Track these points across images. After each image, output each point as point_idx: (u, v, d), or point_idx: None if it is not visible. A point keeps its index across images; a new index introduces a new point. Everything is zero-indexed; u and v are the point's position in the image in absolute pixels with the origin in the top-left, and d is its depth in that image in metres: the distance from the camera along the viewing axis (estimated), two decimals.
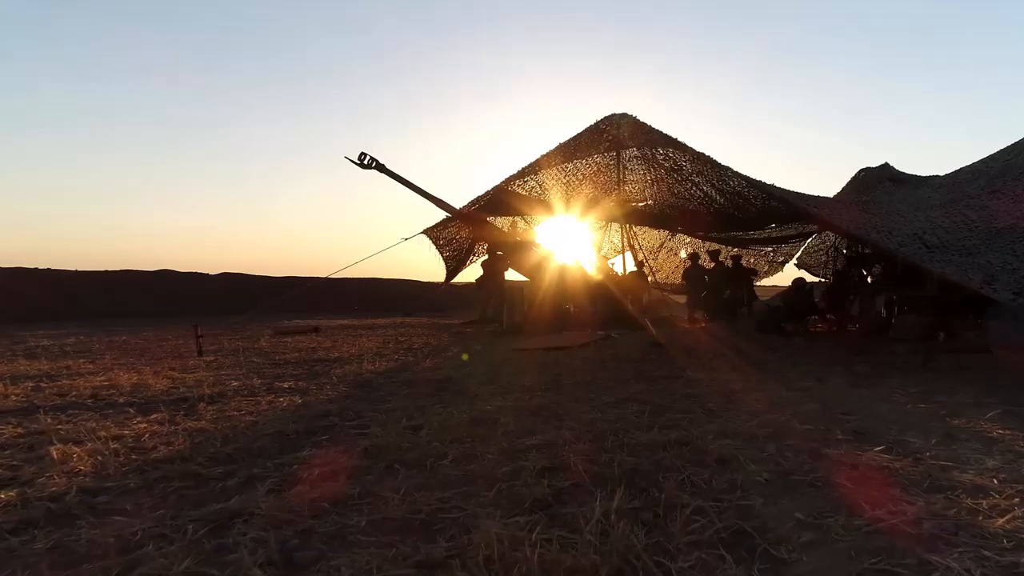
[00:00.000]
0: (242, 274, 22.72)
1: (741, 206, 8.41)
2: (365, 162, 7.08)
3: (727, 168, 6.83)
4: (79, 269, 19.03)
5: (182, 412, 3.14)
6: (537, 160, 7.67)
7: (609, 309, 8.87)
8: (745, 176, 6.66)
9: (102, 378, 4.40)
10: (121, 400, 3.51)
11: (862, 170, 12.11)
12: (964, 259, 5.44)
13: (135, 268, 20.43)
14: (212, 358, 5.76)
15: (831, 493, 1.82)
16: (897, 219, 6.64)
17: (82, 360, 5.64)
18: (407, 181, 7.50)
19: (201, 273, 22.21)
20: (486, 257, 9.46)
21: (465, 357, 5.88)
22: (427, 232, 8.41)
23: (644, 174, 8.77)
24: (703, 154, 6.87)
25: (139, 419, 2.94)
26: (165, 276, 20.89)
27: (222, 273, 22.52)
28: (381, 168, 7.24)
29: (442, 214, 8.06)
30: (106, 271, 19.65)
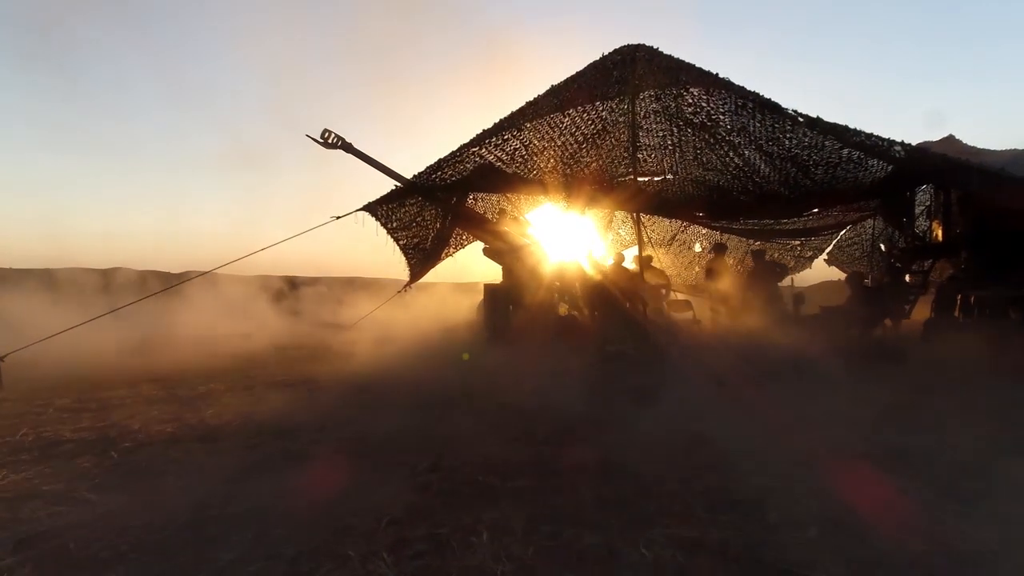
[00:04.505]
0: (209, 272, 20.60)
1: (793, 178, 6.31)
2: (330, 141, 6.26)
3: (791, 114, 4.74)
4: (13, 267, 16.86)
5: None
6: (521, 108, 5.55)
7: (617, 316, 6.81)
8: (823, 121, 4.56)
9: None
10: None
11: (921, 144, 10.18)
12: None
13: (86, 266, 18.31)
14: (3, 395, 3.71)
15: None
16: None
17: None
18: (378, 163, 6.44)
19: (161, 271, 20.10)
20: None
21: (465, 357, 5.58)
22: (369, 209, 6.25)
23: (664, 136, 6.59)
24: (756, 94, 4.76)
25: None
26: (117, 274, 18.73)
27: (185, 272, 20.43)
28: (348, 148, 6.30)
29: (390, 185, 6.07)
30: (46, 269, 17.48)
